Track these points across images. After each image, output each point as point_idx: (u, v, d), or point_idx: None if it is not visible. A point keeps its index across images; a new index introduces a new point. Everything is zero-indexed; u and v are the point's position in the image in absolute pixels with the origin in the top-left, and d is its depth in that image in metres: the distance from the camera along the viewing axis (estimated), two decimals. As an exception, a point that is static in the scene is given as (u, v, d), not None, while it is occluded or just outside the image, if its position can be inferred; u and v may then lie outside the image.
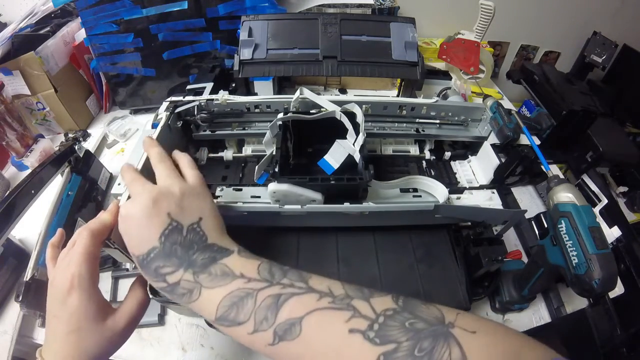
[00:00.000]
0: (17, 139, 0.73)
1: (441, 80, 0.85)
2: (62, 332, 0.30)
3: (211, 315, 0.28)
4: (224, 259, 0.30)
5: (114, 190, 0.43)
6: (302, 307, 0.26)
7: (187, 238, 0.31)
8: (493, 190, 0.56)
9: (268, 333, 0.26)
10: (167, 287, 0.30)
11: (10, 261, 0.56)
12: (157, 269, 0.30)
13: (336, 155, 0.46)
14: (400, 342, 0.22)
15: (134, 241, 0.31)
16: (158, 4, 0.73)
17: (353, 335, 0.23)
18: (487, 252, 0.46)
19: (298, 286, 0.28)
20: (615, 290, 0.57)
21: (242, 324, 0.27)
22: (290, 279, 0.28)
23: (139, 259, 0.30)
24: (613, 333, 0.57)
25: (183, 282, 0.29)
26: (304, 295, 0.27)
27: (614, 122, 0.83)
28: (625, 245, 0.70)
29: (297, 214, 0.42)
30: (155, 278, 0.30)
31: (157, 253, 0.30)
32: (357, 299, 0.26)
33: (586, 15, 1.14)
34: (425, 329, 0.23)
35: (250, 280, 0.28)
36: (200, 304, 0.29)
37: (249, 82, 0.72)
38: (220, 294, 0.28)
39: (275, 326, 0.26)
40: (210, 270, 0.29)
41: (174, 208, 0.31)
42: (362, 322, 0.24)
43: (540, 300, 0.57)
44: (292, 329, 0.25)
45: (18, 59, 0.73)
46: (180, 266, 0.30)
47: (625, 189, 0.95)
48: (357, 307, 0.25)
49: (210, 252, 0.31)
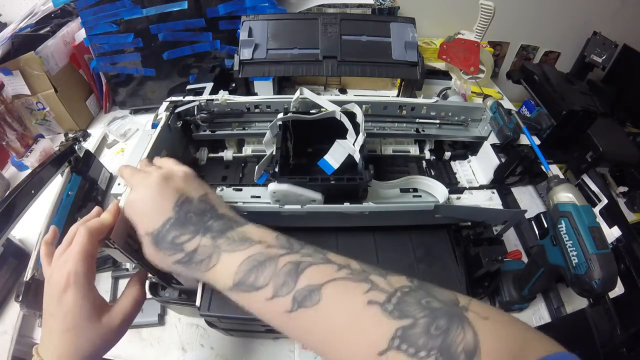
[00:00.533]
0: (17, 139, 0.73)
1: (441, 80, 0.85)
2: (58, 330, 0.30)
3: (229, 281, 0.28)
4: (241, 227, 0.30)
5: (114, 190, 0.43)
6: (322, 276, 0.26)
7: (199, 207, 0.31)
8: (493, 190, 0.56)
9: (287, 299, 0.25)
10: (184, 258, 0.29)
11: (10, 261, 0.56)
12: (174, 239, 0.30)
13: (336, 155, 0.46)
14: (416, 318, 0.22)
15: (146, 218, 0.31)
16: (158, 4, 0.73)
17: (371, 307, 0.23)
18: (487, 252, 0.46)
19: (317, 257, 0.28)
20: (615, 290, 0.56)
21: (261, 288, 0.26)
22: (308, 250, 0.28)
23: (153, 234, 0.30)
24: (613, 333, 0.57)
25: (201, 248, 0.29)
26: (323, 265, 0.27)
27: (614, 122, 0.83)
28: (625, 245, 0.70)
29: (297, 214, 0.42)
30: (172, 250, 0.30)
31: (173, 222, 0.30)
32: (374, 274, 0.26)
33: (586, 15, 1.14)
34: (441, 308, 0.23)
35: (270, 246, 0.28)
36: (219, 270, 0.28)
37: (249, 82, 0.72)
38: (240, 258, 0.28)
39: (295, 292, 0.25)
40: (228, 235, 0.29)
41: (181, 184, 0.32)
42: (380, 294, 0.24)
43: (540, 300, 0.57)
44: (311, 296, 0.25)
45: (18, 59, 0.73)
46: (197, 232, 0.30)
47: (625, 189, 0.95)
48: (374, 281, 0.25)
49: (224, 221, 0.31)
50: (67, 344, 0.30)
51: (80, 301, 0.30)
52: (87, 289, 0.31)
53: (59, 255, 0.32)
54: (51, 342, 0.31)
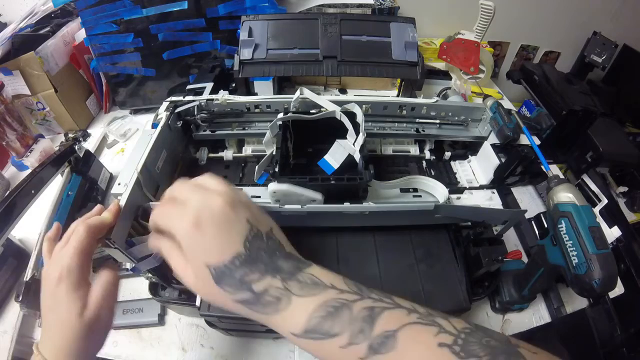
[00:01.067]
0: (17, 139, 0.73)
1: (441, 80, 0.85)
2: (53, 324, 0.31)
3: (297, 328, 0.26)
4: (308, 268, 0.29)
5: (114, 190, 0.43)
6: (396, 321, 0.26)
7: (268, 244, 0.29)
8: (493, 190, 0.56)
9: (362, 346, 0.25)
10: (251, 298, 0.27)
11: (10, 261, 0.56)
12: (242, 277, 0.27)
13: (336, 155, 0.46)
14: (480, 357, 0.24)
15: (212, 249, 0.28)
16: (158, 4, 0.72)
17: (442, 349, 0.24)
18: (487, 252, 0.46)
19: (387, 301, 0.27)
20: (615, 290, 0.57)
21: (336, 336, 0.26)
22: (377, 294, 0.28)
23: (219, 269, 0.27)
24: (613, 333, 0.57)
25: (271, 290, 0.27)
26: (395, 310, 0.27)
27: (614, 122, 0.83)
28: (625, 245, 0.70)
29: (297, 214, 0.42)
30: (238, 289, 0.27)
31: (244, 259, 0.28)
32: (439, 317, 0.27)
33: (586, 15, 1.14)
34: (499, 346, 0.24)
35: (344, 292, 0.27)
36: (287, 315, 0.27)
37: (249, 82, 0.72)
38: (313, 303, 0.26)
39: (372, 339, 0.25)
40: (299, 278, 0.28)
41: (249, 214, 0.30)
42: (448, 337, 0.25)
43: (540, 300, 0.57)
44: (387, 342, 0.25)
45: (18, 59, 0.73)
46: (267, 272, 0.28)
47: (625, 189, 0.95)
48: (441, 324, 0.26)
49: (293, 261, 0.29)
50: (63, 338, 0.30)
51: (71, 294, 0.30)
52: (79, 283, 0.31)
53: (58, 251, 0.32)
54: (49, 338, 0.31)
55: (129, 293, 0.57)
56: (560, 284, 0.57)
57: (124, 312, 0.53)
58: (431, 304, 0.41)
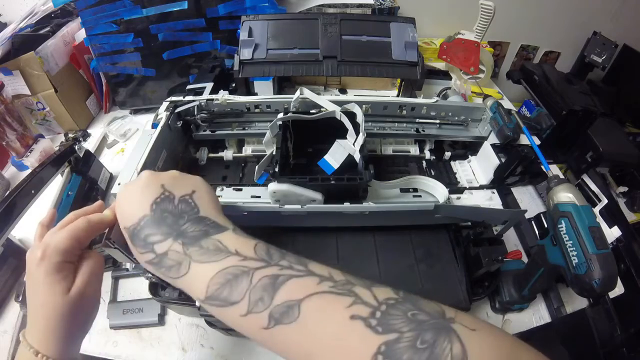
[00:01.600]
0: (17, 139, 0.73)
1: (441, 80, 0.85)
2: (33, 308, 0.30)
3: (201, 294, 0.26)
4: (218, 234, 0.29)
5: (114, 190, 0.43)
6: (302, 290, 0.24)
7: (178, 207, 0.30)
8: (493, 190, 0.56)
9: (263, 315, 0.24)
10: (154, 259, 0.28)
11: (10, 261, 0.56)
12: (146, 238, 0.29)
13: (336, 155, 0.46)
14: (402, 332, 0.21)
15: (126, 213, 0.30)
16: (158, 4, 0.73)
17: (354, 322, 0.22)
18: (487, 252, 0.46)
19: (297, 269, 0.26)
20: (615, 290, 0.57)
21: (235, 304, 0.25)
22: (289, 261, 0.27)
23: (129, 230, 0.29)
24: (613, 333, 0.57)
25: (171, 253, 0.28)
26: (304, 278, 0.25)
27: (614, 122, 0.83)
28: (625, 245, 0.70)
29: (297, 213, 0.42)
30: (144, 249, 0.29)
31: (147, 220, 0.29)
32: (358, 285, 0.25)
33: (586, 15, 1.14)
34: (427, 321, 0.22)
35: (246, 259, 0.26)
36: (189, 280, 0.27)
37: (249, 82, 0.72)
38: (212, 270, 0.26)
39: (272, 308, 0.24)
40: (202, 244, 0.28)
41: (168, 180, 0.32)
42: (364, 309, 0.23)
43: (540, 300, 0.57)
44: (289, 312, 0.23)
45: (18, 59, 0.73)
46: (170, 235, 0.28)
47: (625, 189, 0.95)
48: (358, 294, 0.24)
49: (202, 226, 0.29)
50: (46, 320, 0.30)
51: (53, 275, 0.30)
52: (62, 265, 0.30)
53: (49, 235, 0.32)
54: (31, 322, 0.30)
55: (129, 293, 0.57)
56: (560, 284, 0.57)
57: (124, 312, 0.53)
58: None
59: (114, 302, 0.55)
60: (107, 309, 0.53)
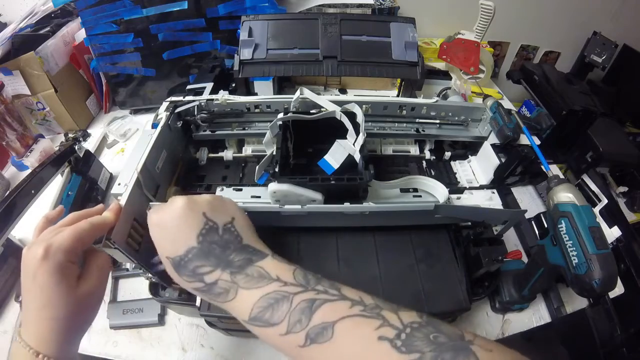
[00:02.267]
0: (17, 139, 0.73)
1: (441, 80, 0.85)
2: (34, 308, 0.30)
3: (244, 315, 0.29)
4: (260, 261, 0.31)
5: (114, 190, 0.43)
6: (335, 313, 0.27)
7: (223, 238, 0.32)
8: (493, 190, 0.56)
9: (300, 335, 0.27)
10: (203, 287, 0.30)
11: (10, 261, 0.56)
12: (195, 269, 0.30)
13: (336, 155, 0.46)
14: (423, 352, 0.23)
15: (169, 244, 0.31)
16: (158, 4, 0.72)
17: (381, 343, 0.25)
18: (487, 252, 0.46)
19: (331, 293, 0.29)
20: (615, 290, 0.57)
21: (276, 325, 0.28)
22: (323, 285, 0.29)
23: (174, 260, 0.31)
24: (613, 333, 0.57)
25: (221, 282, 0.30)
26: (337, 302, 0.28)
27: (614, 122, 0.83)
28: (625, 245, 0.70)
29: (297, 214, 0.42)
30: (192, 278, 0.31)
31: (196, 253, 0.31)
32: (386, 309, 0.27)
33: (586, 15, 1.14)
34: (447, 343, 0.24)
35: (287, 284, 0.29)
36: (235, 304, 0.30)
37: (249, 82, 0.72)
38: (257, 295, 0.29)
39: (308, 329, 0.27)
40: (247, 272, 0.30)
41: (207, 209, 0.33)
42: (391, 330, 0.25)
43: (540, 300, 0.57)
44: (324, 333, 0.26)
45: (18, 59, 0.73)
46: (218, 266, 0.30)
47: (625, 189, 0.95)
48: (386, 317, 0.26)
49: (245, 254, 0.32)
50: (45, 322, 0.30)
51: (58, 274, 0.30)
52: (65, 264, 0.30)
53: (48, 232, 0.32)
54: (30, 322, 0.30)
55: (129, 293, 0.57)
56: (560, 284, 0.57)
57: (124, 312, 0.53)
58: (431, 304, 0.42)
59: (114, 302, 0.55)
60: (107, 309, 0.53)
